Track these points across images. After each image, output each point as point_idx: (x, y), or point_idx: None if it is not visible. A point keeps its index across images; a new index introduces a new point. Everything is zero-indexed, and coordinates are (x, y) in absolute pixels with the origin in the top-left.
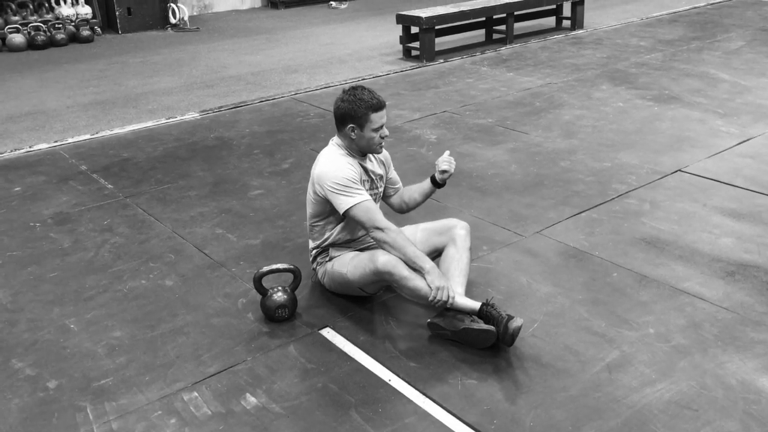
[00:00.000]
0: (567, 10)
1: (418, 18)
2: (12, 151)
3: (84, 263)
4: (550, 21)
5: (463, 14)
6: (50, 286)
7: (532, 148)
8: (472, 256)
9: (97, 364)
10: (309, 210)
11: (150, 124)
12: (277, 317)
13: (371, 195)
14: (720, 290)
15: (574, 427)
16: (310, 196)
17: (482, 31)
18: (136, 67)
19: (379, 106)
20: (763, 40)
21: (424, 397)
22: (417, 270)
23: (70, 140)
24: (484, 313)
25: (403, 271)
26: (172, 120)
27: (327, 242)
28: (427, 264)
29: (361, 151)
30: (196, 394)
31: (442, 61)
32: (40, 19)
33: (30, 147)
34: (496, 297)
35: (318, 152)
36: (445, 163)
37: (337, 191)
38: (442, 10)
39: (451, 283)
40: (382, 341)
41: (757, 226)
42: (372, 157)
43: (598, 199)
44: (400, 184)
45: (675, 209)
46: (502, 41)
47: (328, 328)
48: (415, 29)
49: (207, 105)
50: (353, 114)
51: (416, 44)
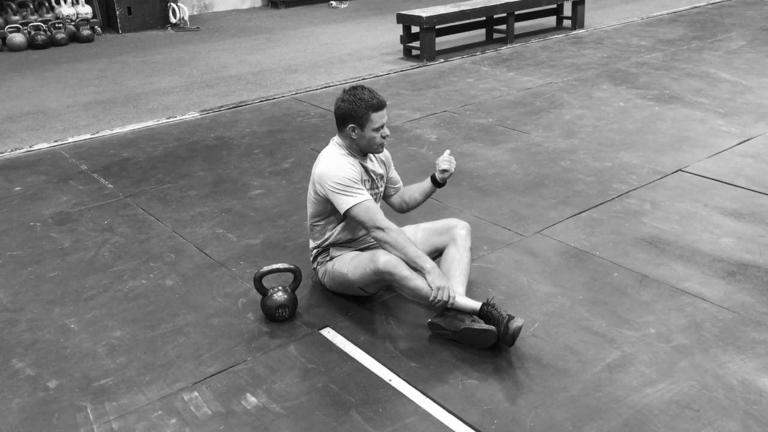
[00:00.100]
0: (567, 10)
1: (419, 17)
2: (12, 151)
3: (84, 263)
4: (551, 20)
5: (463, 14)
6: (50, 285)
7: (533, 147)
8: (472, 256)
9: (97, 363)
10: (309, 210)
11: (150, 123)
12: (278, 317)
13: (372, 195)
14: (721, 290)
15: (574, 427)
16: (310, 195)
17: (483, 31)
18: (137, 67)
19: (380, 106)
20: (763, 40)
21: (425, 397)
22: (418, 270)
23: (71, 140)
24: (485, 313)
25: (404, 271)
26: (172, 120)
27: (327, 242)
28: (428, 264)
29: (361, 150)
30: (196, 393)
31: (443, 60)
32: (40, 19)
33: (30, 146)
34: (497, 297)
35: (318, 152)
36: (446, 162)
37: (338, 191)
38: (443, 10)
39: (452, 283)
40: (383, 341)
41: (758, 226)
42: (372, 156)
43: (599, 199)
44: (400, 184)
45: (676, 209)
46: (503, 41)
47: (328, 328)
48: (415, 29)
49: (207, 104)
50: (354, 114)
51: (416, 44)
